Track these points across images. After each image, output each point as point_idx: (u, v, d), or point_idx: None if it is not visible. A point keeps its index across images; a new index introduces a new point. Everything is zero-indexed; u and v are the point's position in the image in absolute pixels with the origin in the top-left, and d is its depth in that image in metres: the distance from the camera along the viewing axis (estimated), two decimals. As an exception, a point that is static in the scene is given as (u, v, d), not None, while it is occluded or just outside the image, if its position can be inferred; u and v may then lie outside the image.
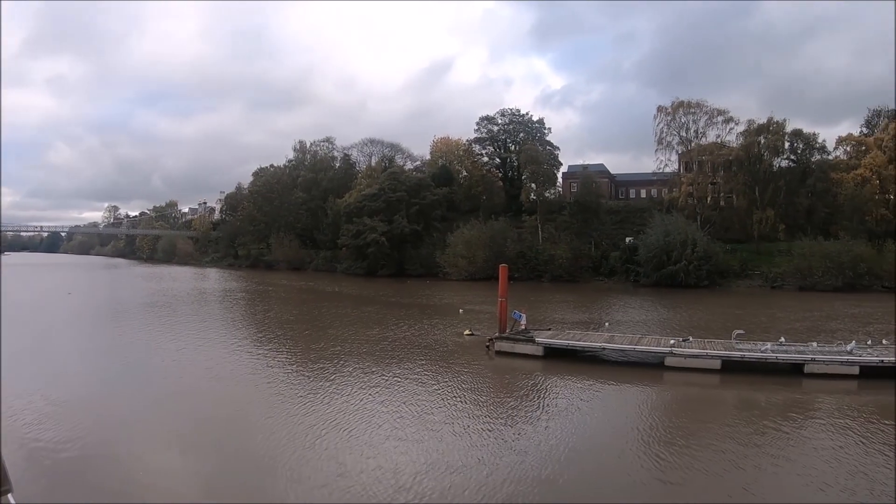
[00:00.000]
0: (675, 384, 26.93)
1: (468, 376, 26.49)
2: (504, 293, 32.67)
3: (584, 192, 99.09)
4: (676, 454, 17.54)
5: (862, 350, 28.88)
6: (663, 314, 52.08)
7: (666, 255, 77.94)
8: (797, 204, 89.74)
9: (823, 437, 19.66)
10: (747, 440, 18.95)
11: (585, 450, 17.79)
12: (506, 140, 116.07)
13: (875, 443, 18.97)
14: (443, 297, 63.07)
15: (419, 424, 19.36)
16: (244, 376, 26.64)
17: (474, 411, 21.25)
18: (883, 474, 16.29)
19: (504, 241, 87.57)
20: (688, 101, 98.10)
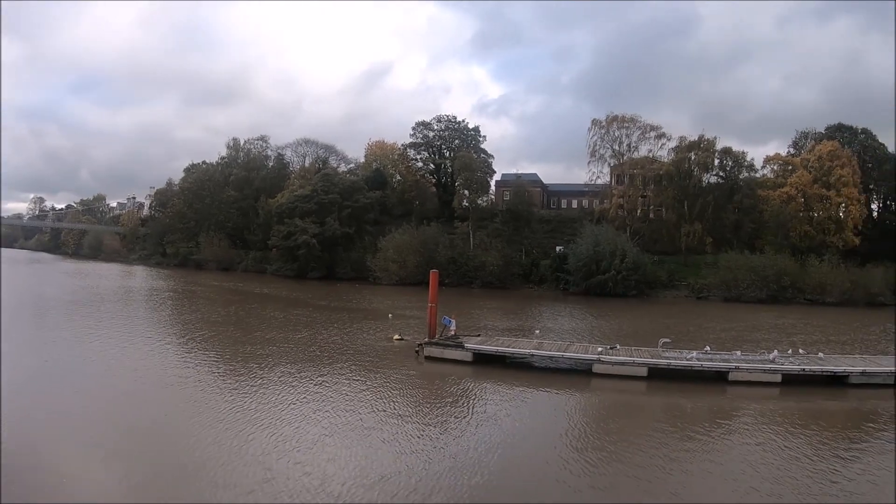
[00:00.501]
0: (602, 391, 27.30)
1: (397, 382, 26.40)
2: (434, 299, 32.71)
3: (517, 200, 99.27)
4: (605, 460, 17.77)
5: (784, 359, 30.05)
6: (592, 322, 52.77)
7: (595, 265, 78.88)
8: (724, 219, 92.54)
9: (749, 442, 20.20)
10: (675, 446, 19.36)
11: (515, 456, 17.81)
12: (441, 146, 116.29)
13: (797, 447, 19.70)
14: (373, 301, 62.54)
15: (348, 430, 19.15)
16: (169, 378, 25.98)
17: (403, 417, 21.13)
18: (808, 478, 16.96)
19: (435, 247, 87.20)
20: (622, 116, 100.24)
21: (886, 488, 16.49)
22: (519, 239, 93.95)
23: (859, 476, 17.45)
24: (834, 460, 18.78)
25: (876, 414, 25.07)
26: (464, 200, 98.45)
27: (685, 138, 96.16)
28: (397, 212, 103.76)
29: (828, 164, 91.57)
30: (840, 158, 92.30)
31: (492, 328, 42.99)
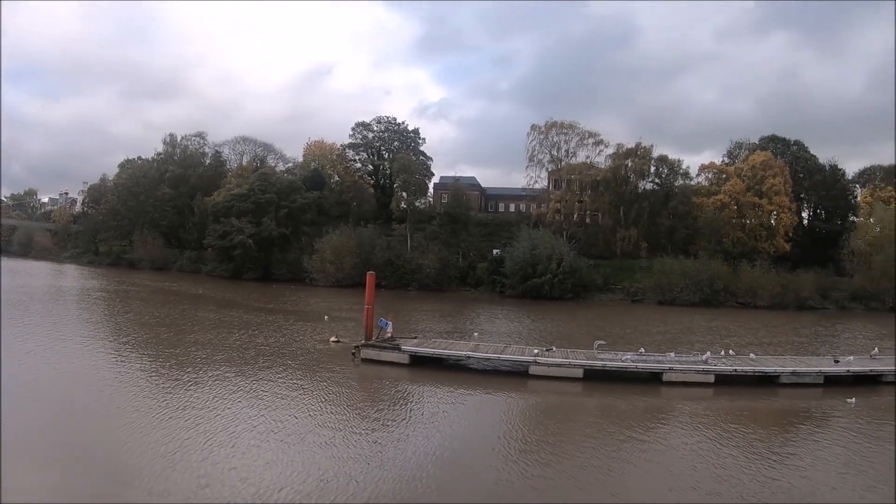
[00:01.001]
0: (539, 392, 27.54)
1: (334, 384, 26.11)
2: (371, 301, 32.57)
3: (455, 203, 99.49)
4: (544, 461, 17.85)
5: (717, 360, 30.86)
6: (528, 325, 52.97)
7: (532, 268, 79.29)
8: (659, 224, 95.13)
9: (686, 441, 20.58)
10: (614, 446, 19.62)
11: (455, 459, 17.73)
12: (380, 147, 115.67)
13: (733, 446, 20.27)
14: (309, 302, 61.89)
15: (284, 434, 18.84)
16: (100, 383, 25.10)
17: (341, 420, 20.92)
18: (745, 475, 17.35)
19: (372, 249, 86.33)
20: (561, 122, 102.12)
21: (820, 485, 17.04)
22: (456, 242, 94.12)
23: (794, 472, 18.00)
24: (769, 457, 19.29)
25: (806, 412, 26.19)
26: (402, 202, 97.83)
27: (622, 145, 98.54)
28: (335, 213, 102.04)
29: (761, 174, 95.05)
30: (773, 168, 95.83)
31: (429, 330, 42.83)
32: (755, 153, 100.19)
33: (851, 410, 25.81)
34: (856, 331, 59.13)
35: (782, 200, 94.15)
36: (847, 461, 19.29)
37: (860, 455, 19.98)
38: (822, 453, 20.15)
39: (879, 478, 18.01)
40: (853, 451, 20.40)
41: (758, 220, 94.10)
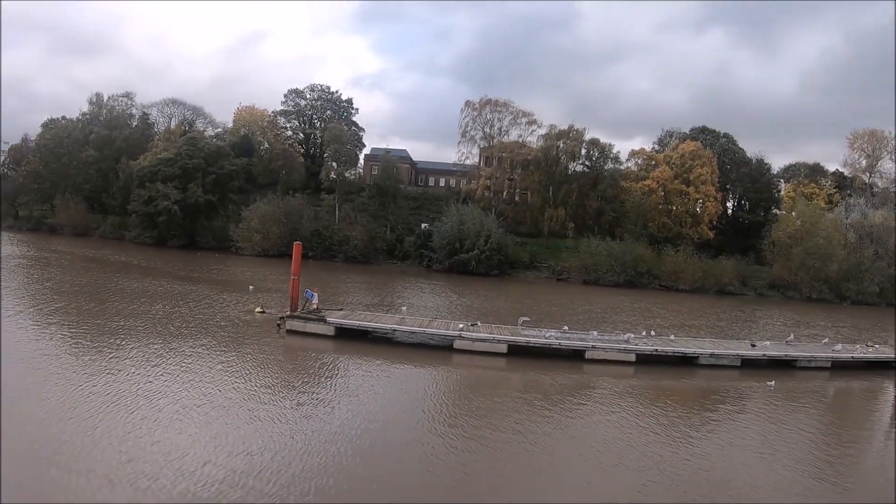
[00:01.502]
0: (463, 366, 27.74)
1: (259, 355, 25.77)
2: (297, 271, 32.15)
3: (385, 175, 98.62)
4: (469, 435, 17.99)
5: (638, 340, 31.84)
6: (454, 300, 53.22)
7: (459, 244, 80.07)
8: (587, 206, 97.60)
9: (609, 418, 21.07)
10: (539, 422, 19.83)
11: (379, 433, 17.55)
12: (312, 116, 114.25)
13: (655, 423, 20.95)
14: (234, 272, 60.81)
15: (208, 407, 18.41)
16: (15, 353, 23.53)
17: (266, 392, 20.60)
18: (667, 449, 18.07)
19: (300, 219, 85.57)
20: (495, 100, 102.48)
21: (737, 462, 17.74)
22: (385, 214, 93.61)
23: (713, 450, 18.76)
24: (689, 434, 20.03)
25: (724, 393, 27.01)
26: (331, 173, 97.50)
27: (555, 126, 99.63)
28: (263, 181, 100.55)
29: (689, 163, 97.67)
30: (701, 158, 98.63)
31: (355, 303, 42.62)
32: (685, 142, 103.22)
33: (768, 392, 26.89)
34: (773, 317, 61.22)
35: (708, 190, 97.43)
36: (763, 441, 19.99)
37: (775, 435, 20.87)
38: (740, 432, 20.87)
39: (794, 457, 18.91)
40: (769, 431, 21.30)
41: (684, 207, 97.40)
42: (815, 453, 19.66)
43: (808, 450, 19.99)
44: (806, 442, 20.84)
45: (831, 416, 25.80)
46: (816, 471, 17.79)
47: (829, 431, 23.00)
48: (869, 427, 25.85)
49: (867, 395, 31.34)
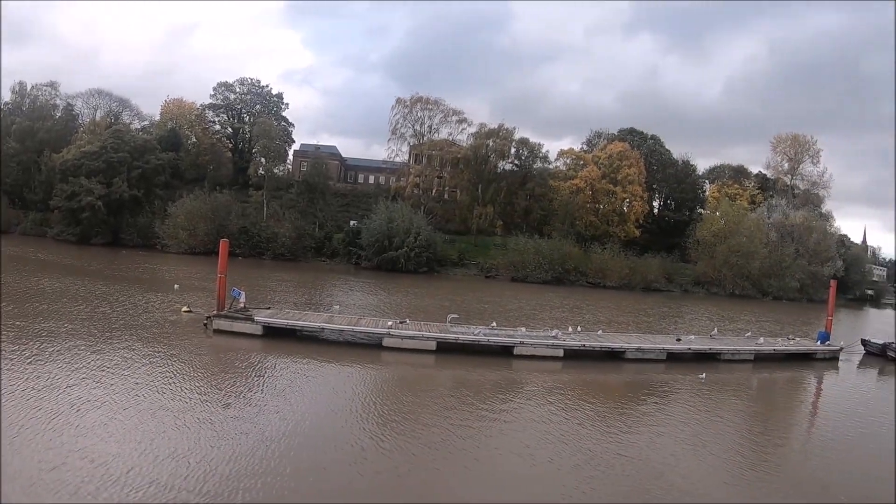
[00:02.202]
0: (393, 364, 27.47)
1: (185, 356, 24.99)
2: (224, 269, 31.39)
3: (314, 172, 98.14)
4: (400, 433, 17.71)
5: (566, 335, 31.98)
6: (384, 297, 52.91)
7: (388, 241, 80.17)
8: (516, 204, 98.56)
9: (540, 414, 21.00)
10: (469, 419, 19.64)
11: (305, 431, 17.20)
12: (241, 110, 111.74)
13: (584, 417, 21.07)
14: (160, 270, 59.12)
15: (134, 410, 17.68)
16: None
17: (191, 394, 19.90)
18: (598, 446, 17.97)
19: (227, 215, 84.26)
20: (426, 98, 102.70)
21: (667, 453, 17.80)
22: (313, 211, 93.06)
23: (644, 443, 18.58)
24: (620, 427, 20.22)
25: (651, 386, 27.45)
26: (260, 168, 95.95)
27: (485, 125, 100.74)
28: (190, 176, 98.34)
29: (617, 163, 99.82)
30: (629, 159, 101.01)
31: (284, 301, 41.87)
32: (613, 143, 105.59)
33: (694, 385, 27.61)
34: (698, 313, 62.88)
35: (635, 189, 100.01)
36: (692, 432, 20.33)
37: (703, 426, 21.35)
38: (668, 424, 21.08)
39: (722, 446, 19.28)
40: (696, 422, 21.71)
41: (611, 206, 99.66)
42: (742, 442, 20.10)
43: (735, 439, 20.43)
44: (733, 431, 21.34)
45: (756, 406, 26.45)
46: (743, 459, 18.14)
47: (755, 421, 23.56)
48: (792, 415, 26.79)
49: (789, 386, 32.55)
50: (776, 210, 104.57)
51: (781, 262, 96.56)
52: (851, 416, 24.91)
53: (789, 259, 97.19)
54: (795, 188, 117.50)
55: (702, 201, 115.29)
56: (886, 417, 25.07)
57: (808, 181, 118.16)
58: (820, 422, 25.59)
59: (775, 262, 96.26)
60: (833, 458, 19.26)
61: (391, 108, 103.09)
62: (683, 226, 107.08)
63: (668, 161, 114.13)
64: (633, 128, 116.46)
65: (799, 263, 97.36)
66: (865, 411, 26.29)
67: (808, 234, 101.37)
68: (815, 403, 29.99)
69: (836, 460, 19.00)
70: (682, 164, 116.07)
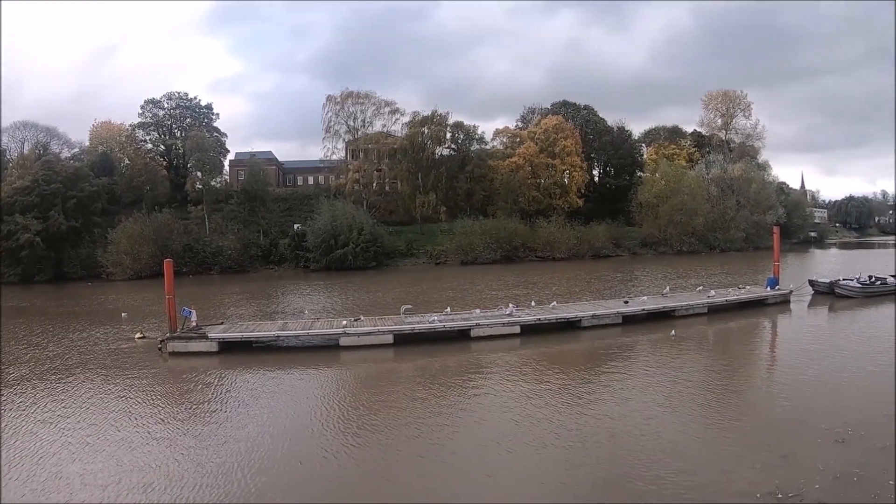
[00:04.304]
0: (352, 363, 27.15)
1: (143, 383, 24.28)
2: (171, 290, 30.69)
3: (252, 179, 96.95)
4: (370, 430, 17.44)
5: (521, 312, 32.21)
6: (337, 297, 52.47)
7: (334, 240, 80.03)
8: (457, 188, 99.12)
9: (503, 393, 20.90)
10: (435, 408, 19.56)
11: (271, 442, 16.80)
12: (172, 125, 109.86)
13: (548, 390, 21.09)
14: (108, 299, 57.58)
15: (97, 446, 16.96)
16: None
17: (153, 420, 19.32)
18: (566, 417, 17.96)
19: (170, 235, 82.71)
20: (357, 92, 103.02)
21: (639, 416, 17.82)
22: (256, 219, 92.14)
23: (616, 410, 18.49)
24: (588, 397, 20.14)
25: (609, 350, 27.79)
26: (197, 183, 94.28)
27: (419, 113, 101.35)
28: (127, 199, 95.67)
29: (553, 136, 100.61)
30: (564, 131, 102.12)
31: (237, 315, 41.41)
32: (547, 117, 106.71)
33: (653, 344, 28.67)
34: (649, 273, 64.19)
35: (574, 160, 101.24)
36: (658, 391, 20.44)
37: (668, 384, 21.36)
38: (635, 387, 21.18)
39: (689, 400, 19.65)
40: (661, 381, 21.81)
41: (552, 179, 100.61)
42: (709, 394, 20.30)
43: (702, 392, 20.63)
44: (698, 385, 21.54)
45: (717, 357, 26.77)
46: (712, 410, 18.35)
47: (718, 371, 23.76)
48: (753, 361, 27.24)
49: (746, 333, 33.04)
50: (714, 165, 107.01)
51: (724, 215, 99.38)
52: (810, 353, 25.60)
53: (732, 211, 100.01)
54: (731, 142, 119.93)
55: (641, 165, 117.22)
56: (842, 349, 25.97)
57: (743, 134, 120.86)
58: (781, 363, 26.01)
59: (718, 215, 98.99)
60: (802, 394, 19.67)
61: (322, 106, 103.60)
62: (625, 190, 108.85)
63: (604, 129, 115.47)
64: (566, 100, 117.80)
65: (742, 214, 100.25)
66: (823, 346, 27.04)
67: (748, 186, 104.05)
68: (773, 346, 30.73)
69: (805, 396, 19.41)
70: (618, 131, 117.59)
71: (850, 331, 31.33)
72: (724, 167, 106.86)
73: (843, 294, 40.95)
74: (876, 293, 41.25)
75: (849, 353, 25.32)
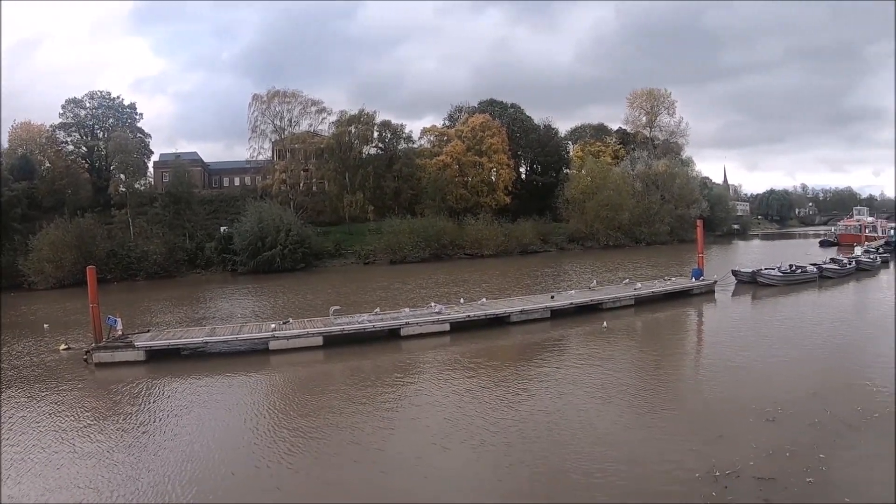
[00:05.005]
0: (283, 366, 26.97)
1: (70, 397, 23.46)
2: (95, 298, 29.77)
3: (177, 181, 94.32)
4: (305, 435, 17.27)
5: (450, 309, 32.70)
6: (265, 301, 52.12)
7: (261, 242, 78.84)
8: (385, 187, 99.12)
9: (438, 391, 21.11)
10: (371, 408, 19.58)
11: (203, 452, 16.41)
12: (94, 126, 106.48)
13: (482, 387, 21.39)
14: (30, 310, 54.88)
15: (19, 467, 16.19)
16: None
17: (80, 436, 18.59)
18: (502, 414, 18.17)
19: (93, 240, 79.68)
20: (283, 91, 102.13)
21: (573, 409, 18.21)
22: (181, 222, 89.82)
23: (551, 405, 18.74)
24: (522, 392, 20.34)
25: (539, 345, 28.34)
26: (120, 185, 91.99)
27: (346, 112, 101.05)
28: (48, 203, 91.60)
29: (480, 134, 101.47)
30: (491, 129, 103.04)
31: (165, 322, 40.20)
32: (474, 116, 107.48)
33: (581, 337, 29.64)
34: (577, 268, 65.19)
35: (501, 158, 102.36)
36: (591, 382, 20.98)
37: (599, 375, 21.90)
38: (567, 380, 21.62)
39: (620, 390, 20.19)
40: (592, 373, 22.33)
41: (479, 177, 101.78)
42: (639, 384, 20.99)
43: (632, 381, 21.29)
44: (628, 375, 22.27)
45: (645, 348, 27.76)
46: (644, 399, 18.89)
47: (647, 361, 24.67)
48: (681, 350, 28.42)
49: (673, 323, 34.31)
50: (639, 162, 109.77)
51: (649, 209, 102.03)
52: (736, 340, 26.91)
53: (657, 206, 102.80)
54: (655, 139, 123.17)
55: (567, 162, 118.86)
56: (767, 335, 27.44)
57: (667, 131, 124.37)
58: (709, 350, 27.13)
59: (644, 210, 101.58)
60: (731, 379, 20.60)
61: (249, 105, 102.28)
62: (552, 187, 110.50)
63: (531, 127, 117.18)
64: (493, 99, 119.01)
65: (666, 209, 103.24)
66: (748, 333, 28.52)
67: (672, 181, 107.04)
68: (700, 335, 32.15)
69: (734, 381, 20.35)
70: (545, 129, 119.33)
71: (774, 318, 32.89)
72: (648, 163, 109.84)
73: (765, 283, 43.09)
74: (796, 281, 43.94)
75: (773, 338, 26.66)
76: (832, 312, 33.78)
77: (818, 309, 35.79)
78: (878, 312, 33.19)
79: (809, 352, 24.07)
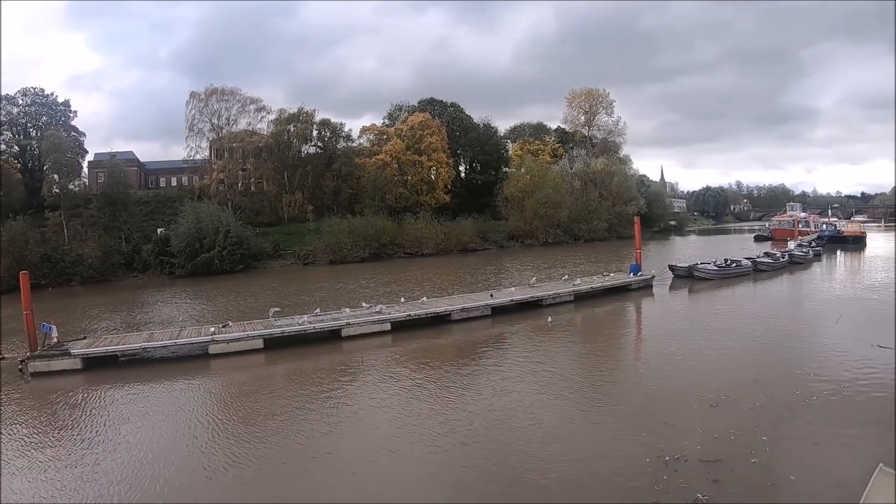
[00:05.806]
0: (223, 370, 26.61)
1: (4, 410, 22.54)
2: (28, 304, 29.26)
3: (112, 182, 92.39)
4: (249, 442, 17.14)
5: (391, 309, 33.01)
6: (204, 304, 51.31)
7: (199, 244, 77.72)
8: (324, 186, 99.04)
9: (381, 391, 21.25)
10: (315, 411, 19.60)
11: (144, 465, 16.04)
12: (26, 124, 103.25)
13: (426, 386, 21.51)
14: None
15: None
16: None
17: (15, 453, 17.96)
18: (449, 410, 18.51)
19: (26, 244, 76.73)
20: (221, 89, 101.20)
21: (517, 405, 18.54)
22: (117, 225, 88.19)
23: (497, 401, 19.11)
24: (466, 391, 20.62)
25: (481, 342, 28.81)
26: (54, 186, 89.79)
27: (285, 111, 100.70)
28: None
29: (419, 133, 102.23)
30: (430, 128, 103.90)
31: (102, 328, 39.49)
32: (414, 115, 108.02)
33: (522, 334, 30.27)
34: (517, 265, 66.31)
35: (440, 157, 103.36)
36: (534, 379, 21.45)
37: (541, 371, 22.41)
38: (511, 376, 21.94)
39: (564, 385, 20.75)
40: (534, 369, 22.81)
41: (418, 175, 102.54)
42: (583, 377, 21.65)
43: (575, 376, 21.96)
44: (571, 369, 22.96)
45: (585, 342, 28.46)
46: (589, 392, 19.56)
47: (588, 355, 25.35)
48: (621, 343, 29.19)
49: (612, 318, 35.21)
50: (577, 160, 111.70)
51: (588, 207, 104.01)
52: (675, 332, 28.01)
53: (595, 203, 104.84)
54: (594, 138, 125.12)
55: (506, 160, 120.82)
56: (705, 327, 28.89)
57: (605, 130, 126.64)
58: (649, 343, 27.84)
59: (582, 207, 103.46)
60: (673, 369, 21.39)
61: (186, 103, 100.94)
62: (491, 185, 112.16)
63: (470, 126, 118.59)
64: (433, 98, 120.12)
65: (604, 206, 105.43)
66: (686, 325, 29.83)
67: (610, 179, 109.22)
68: (640, 328, 32.96)
69: (676, 371, 21.17)
70: (484, 128, 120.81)
71: (710, 310, 34.30)
72: (587, 162, 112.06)
73: (701, 277, 44.73)
74: (731, 274, 45.77)
75: (711, 330, 27.85)
76: (766, 304, 35.41)
77: (753, 301, 37.48)
78: (811, 303, 35.20)
79: (747, 342, 25.20)
